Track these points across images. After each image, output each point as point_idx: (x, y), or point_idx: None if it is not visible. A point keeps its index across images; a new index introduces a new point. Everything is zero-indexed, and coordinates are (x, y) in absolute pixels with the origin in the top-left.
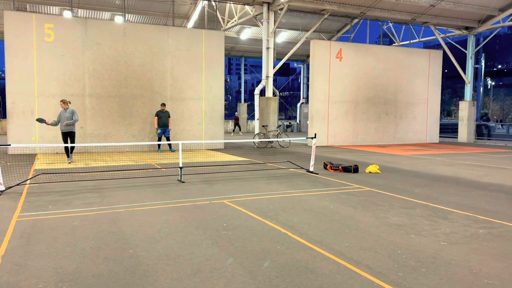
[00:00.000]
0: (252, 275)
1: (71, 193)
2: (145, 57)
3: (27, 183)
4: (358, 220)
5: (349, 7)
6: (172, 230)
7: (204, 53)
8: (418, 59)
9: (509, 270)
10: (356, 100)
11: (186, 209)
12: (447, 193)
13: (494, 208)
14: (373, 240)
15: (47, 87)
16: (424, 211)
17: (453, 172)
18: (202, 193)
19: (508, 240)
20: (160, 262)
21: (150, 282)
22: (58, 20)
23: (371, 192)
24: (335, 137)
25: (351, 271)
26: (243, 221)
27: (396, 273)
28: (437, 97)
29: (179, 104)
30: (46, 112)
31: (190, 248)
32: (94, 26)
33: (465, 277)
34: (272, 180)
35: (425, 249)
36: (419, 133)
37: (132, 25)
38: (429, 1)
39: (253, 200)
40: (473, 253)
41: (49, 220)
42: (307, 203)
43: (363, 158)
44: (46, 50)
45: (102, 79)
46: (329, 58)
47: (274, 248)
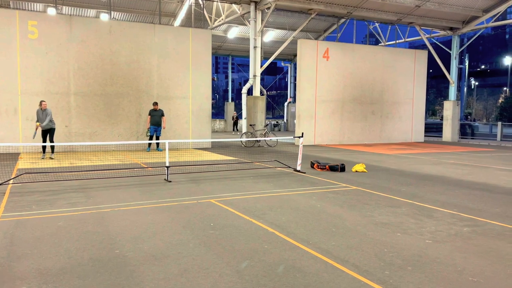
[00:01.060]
0: (240, 275)
1: (56, 193)
2: (131, 55)
3: (10, 182)
4: (345, 219)
5: (336, 6)
6: (158, 230)
7: (191, 51)
8: (403, 59)
9: (493, 268)
10: (343, 100)
11: (172, 209)
12: (432, 192)
13: (478, 206)
14: (360, 239)
15: (31, 85)
16: (410, 210)
17: (438, 171)
18: (189, 192)
19: (492, 238)
20: (146, 262)
21: (137, 283)
22: (42, 17)
23: (358, 191)
24: (322, 136)
25: (338, 270)
26: (231, 220)
27: (383, 272)
28: (422, 97)
29: (166, 103)
30: (30, 111)
31: (177, 248)
32: (79, 23)
33: (450, 274)
34: (260, 179)
35: (411, 248)
36: (404, 133)
37: (118, 23)
38: (415, 2)
39: (240, 199)
40: (458, 251)
41: (33, 220)
42: (294, 202)
43: (350, 157)
44: (29, 48)
45: (87, 77)
46: (316, 57)
47: (261, 247)
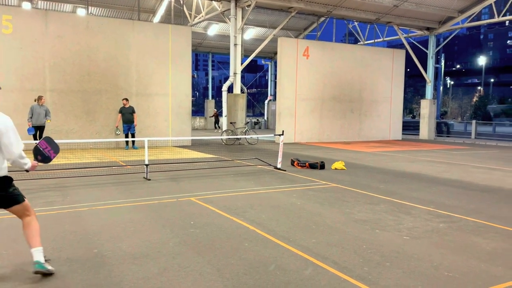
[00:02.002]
0: (220, 273)
1: (31, 191)
2: (110, 52)
3: None
4: (325, 216)
5: (316, 5)
6: (138, 228)
7: (171, 48)
8: (382, 58)
9: (468, 263)
10: (323, 98)
11: (152, 207)
12: (410, 189)
13: (453, 203)
14: (340, 236)
15: (5, 81)
16: (388, 207)
17: (415, 168)
18: (168, 190)
19: (467, 233)
20: (125, 261)
21: (116, 282)
22: (17, 12)
23: (337, 188)
24: (302, 134)
25: (318, 267)
26: (211, 218)
27: (362, 268)
28: (400, 95)
29: (145, 100)
30: (4, 108)
31: (156, 247)
32: (55, 18)
33: (427, 270)
34: (240, 177)
35: (389, 244)
36: (382, 131)
37: (96, 18)
38: (393, 2)
39: (220, 197)
40: (434, 247)
41: (8, 220)
42: (275, 199)
43: (329, 154)
44: (3, 43)
45: (64, 74)
46: (296, 55)
47: (242, 245)
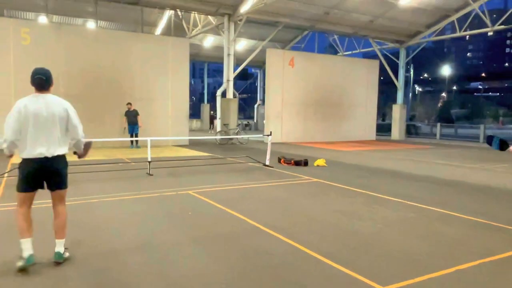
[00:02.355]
0: (214, 258)
1: None
2: (116, 61)
3: (4, 176)
4: (308, 207)
5: (300, 19)
6: (142, 218)
7: (171, 58)
8: (358, 68)
9: (433, 248)
10: (306, 103)
11: (154, 199)
12: (383, 184)
13: (421, 195)
14: (321, 225)
15: (24, 87)
16: (364, 199)
17: (388, 165)
18: (169, 184)
19: (432, 222)
20: (130, 248)
21: (122, 266)
22: (34, 25)
23: (319, 183)
24: (288, 135)
25: (302, 252)
26: (207, 210)
27: (341, 253)
28: (374, 101)
29: (148, 104)
30: None
31: (158, 235)
32: (67, 31)
33: (397, 254)
34: (232, 173)
35: (365, 232)
36: (359, 132)
37: (104, 30)
38: (369, 18)
39: (215, 191)
40: (404, 234)
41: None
42: (263, 193)
43: (312, 153)
44: (22, 53)
45: (75, 80)
46: (283, 65)
47: (234, 233)
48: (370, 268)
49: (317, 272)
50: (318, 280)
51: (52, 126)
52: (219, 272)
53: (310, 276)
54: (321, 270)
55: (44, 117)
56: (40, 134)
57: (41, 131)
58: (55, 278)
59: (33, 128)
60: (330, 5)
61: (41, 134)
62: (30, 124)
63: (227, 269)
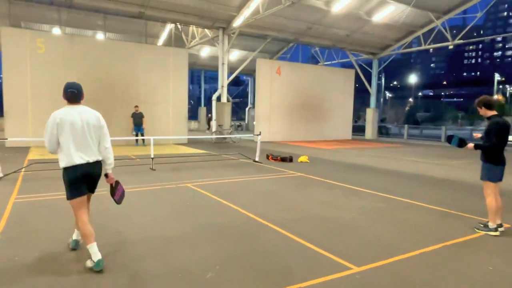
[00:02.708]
0: (211, 243)
1: (61, 179)
2: (122, 68)
3: (22, 171)
4: (293, 198)
5: (286, 33)
6: (146, 208)
7: (171, 66)
8: (337, 76)
9: (401, 234)
10: (291, 106)
11: (157, 192)
12: (358, 177)
13: (391, 188)
14: (304, 213)
15: (39, 91)
16: (342, 191)
17: (362, 161)
18: (169, 178)
19: (400, 211)
20: (137, 235)
21: (132, 249)
22: (49, 36)
23: (302, 177)
24: (275, 134)
25: (287, 237)
26: (204, 200)
27: (321, 237)
28: (350, 105)
29: (151, 107)
30: (38, 113)
31: (160, 222)
32: (79, 41)
33: (370, 238)
34: (226, 168)
35: (342, 219)
36: (337, 132)
37: (112, 41)
38: (346, 32)
39: (211, 184)
40: (376, 222)
41: (42, 201)
42: (254, 185)
43: (296, 150)
44: (38, 61)
45: (85, 86)
46: (271, 73)
47: (228, 221)
48: (347, 251)
49: (301, 254)
50: (301, 262)
51: (88, 134)
52: (214, 256)
53: (294, 258)
54: (304, 253)
55: (80, 126)
56: (77, 143)
57: (78, 139)
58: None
59: (71, 138)
60: (312, 21)
61: (78, 143)
62: (68, 134)
63: (221, 253)
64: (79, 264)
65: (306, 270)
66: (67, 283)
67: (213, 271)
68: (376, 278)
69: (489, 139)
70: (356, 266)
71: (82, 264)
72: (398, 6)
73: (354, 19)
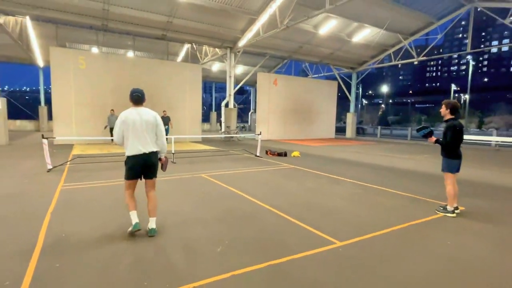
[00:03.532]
0: (220, 222)
1: (98, 170)
2: (148, 80)
3: (67, 164)
4: (287, 186)
5: (281, 51)
6: (167, 194)
7: (188, 79)
8: (323, 86)
9: (375, 215)
10: (285, 111)
11: (177, 181)
12: (340, 169)
13: (366, 177)
14: (296, 198)
15: (81, 99)
16: (327, 180)
17: (343, 156)
18: (187, 170)
19: (374, 196)
20: (163, 215)
21: (160, 226)
22: (88, 54)
23: (295, 168)
24: (272, 134)
25: (281, 217)
26: (214, 187)
27: (311, 218)
28: (333, 110)
29: (172, 111)
30: (80, 117)
31: (179, 206)
32: (113, 58)
33: (351, 219)
34: (233, 162)
35: (327, 203)
36: (323, 132)
37: (140, 58)
38: (330, 50)
39: (220, 174)
40: (355, 205)
41: (84, 189)
42: (255, 175)
43: (290, 147)
44: (80, 75)
45: (118, 95)
46: (269, 84)
47: (233, 204)
48: (331, 228)
49: (293, 231)
50: (293, 237)
51: (145, 130)
52: (222, 233)
53: (288, 234)
54: (295, 230)
55: (139, 124)
56: (137, 137)
57: (137, 134)
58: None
59: (132, 133)
60: (302, 41)
61: (137, 137)
62: (130, 129)
63: (228, 231)
64: (116, 236)
65: (299, 244)
66: (108, 251)
67: (223, 245)
68: (355, 251)
69: (446, 138)
70: (339, 241)
71: (119, 235)
72: (373, 29)
73: (337, 40)
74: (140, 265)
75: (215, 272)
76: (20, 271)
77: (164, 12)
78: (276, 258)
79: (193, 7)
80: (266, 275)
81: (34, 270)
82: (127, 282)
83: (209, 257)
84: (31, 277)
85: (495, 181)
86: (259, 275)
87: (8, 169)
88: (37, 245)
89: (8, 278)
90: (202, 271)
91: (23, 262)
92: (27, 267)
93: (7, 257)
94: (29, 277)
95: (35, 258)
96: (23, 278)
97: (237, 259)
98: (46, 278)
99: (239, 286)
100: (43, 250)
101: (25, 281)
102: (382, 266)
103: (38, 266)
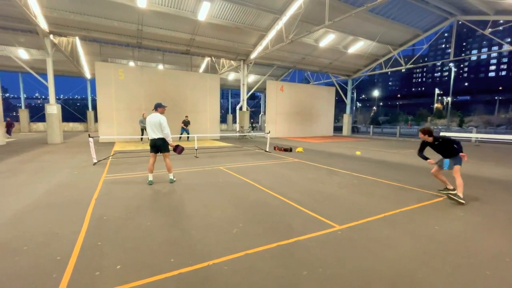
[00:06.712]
0: (236, 207)
1: (136, 164)
2: (175, 88)
3: (109, 158)
4: (292, 176)
5: (287, 62)
6: (191, 183)
7: (208, 87)
8: (323, 92)
9: (369, 202)
10: (290, 113)
11: (199, 172)
12: (338, 162)
13: (361, 169)
14: (299, 187)
15: (120, 105)
16: (326, 171)
17: (341, 151)
18: (207, 163)
19: (369, 186)
20: (186, 200)
21: (183, 208)
22: (126, 67)
23: (299, 162)
24: (279, 132)
25: (288, 204)
26: (230, 178)
27: (312, 204)
28: (332, 112)
29: (195, 115)
30: (120, 119)
31: (201, 193)
32: (146, 70)
33: (348, 205)
34: (246, 156)
35: (327, 191)
36: (323, 130)
37: (168, 70)
38: (329, 61)
39: (235, 166)
40: (352, 193)
41: (123, 179)
42: (265, 168)
43: (295, 144)
44: (120, 84)
45: (151, 100)
46: (276, 90)
47: (246, 192)
48: (331, 214)
49: (298, 216)
50: (298, 221)
51: (154, 126)
52: (238, 217)
53: (293, 218)
54: (300, 215)
55: (152, 123)
56: (151, 129)
57: (151, 128)
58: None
59: (149, 128)
60: (305, 53)
61: (151, 129)
62: (148, 125)
63: (242, 215)
64: (149, 220)
65: (303, 227)
66: (141, 232)
67: (238, 228)
68: (352, 234)
69: (454, 143)
70: (338, 225)
71: (152, 219)
72: (366, 42)
73: (335, 51)
74: (168, 244)
75: (231, 251)
76: (69, 248)
77: (188, 31)
78: (284, 239)
79: (212, 26)
80: (275, 254)
81: (80, 248)
82: (157, 258)
83: (226, 238)
84: (77, 253)
85: (477, 173)
86: (269, 253)
87: (62, 163)
88: (83, 227)
89: (60, 253)
90: (220, 250)
91: (72, 240)
92: (75, 245)
93: (59, 236)
94: (76, 253)
95: (81, 237)
96: (71, 254)
97: (250, 239)
98: (90, 254)
99: (252, 264)
100: (88, 230)
101: (73, 256)
102: (375, 246)
103: (84, 244)
